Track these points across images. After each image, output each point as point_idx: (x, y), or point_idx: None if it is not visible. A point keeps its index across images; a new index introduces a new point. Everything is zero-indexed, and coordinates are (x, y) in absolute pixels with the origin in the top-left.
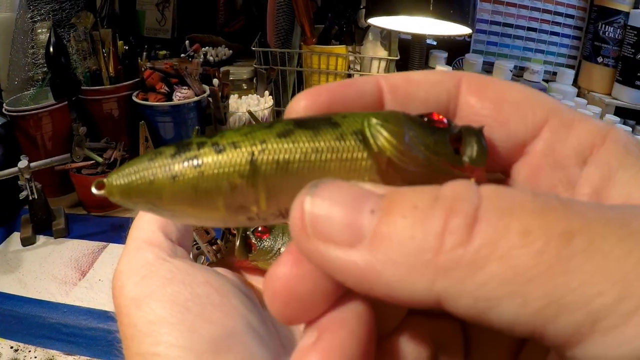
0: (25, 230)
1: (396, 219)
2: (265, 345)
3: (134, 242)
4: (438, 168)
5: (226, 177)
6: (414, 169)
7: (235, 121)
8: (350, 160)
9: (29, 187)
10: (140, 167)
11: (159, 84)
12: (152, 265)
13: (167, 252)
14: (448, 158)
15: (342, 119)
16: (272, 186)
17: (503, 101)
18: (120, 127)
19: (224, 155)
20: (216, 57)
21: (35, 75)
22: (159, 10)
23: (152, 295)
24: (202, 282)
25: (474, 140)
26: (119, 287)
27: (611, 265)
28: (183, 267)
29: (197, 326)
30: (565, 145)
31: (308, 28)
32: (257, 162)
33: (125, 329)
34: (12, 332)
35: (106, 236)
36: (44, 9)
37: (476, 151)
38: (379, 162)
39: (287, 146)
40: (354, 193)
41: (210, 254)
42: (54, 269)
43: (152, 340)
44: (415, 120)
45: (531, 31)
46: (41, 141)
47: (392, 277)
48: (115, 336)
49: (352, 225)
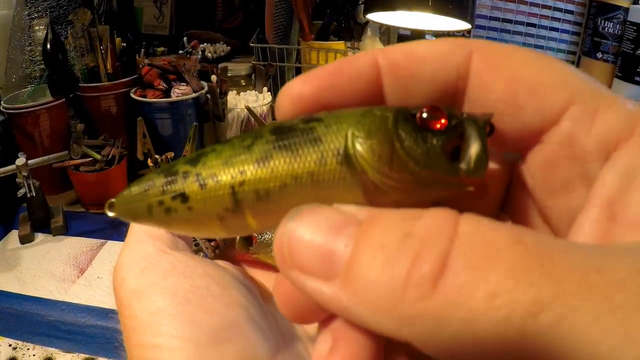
0: (23, 228)
1: (365, 259)
2: (265, 337)
3: (135, 234)
4: (430, 183)
5: (213, 211)
6: (402, 187)
7: (234, 117)
8: (332, 182)
9: (26, 185)
10: (138, 197)
11: (157, 80)
12: (152, 258)
13: (167, 244)
14: (442, 170)
15: (325, 128)
16: (257, 212)
17: (519, 82)
18: (118, 124)
19: (207, 191)
20: (214, 54)
21: (33, 72)
22: (157, 7)
23: (152, 287)
24: (202, 273)
25: (475, 144)
26: (120, 279)
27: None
28: (183, 259)
29: (197, 317)
30: (587, 138)
31: (306, 24)
32: (237, 195)
33: (126, 321)
34: (11, 330)
35: (105, 233)
36: (41, 6)
37: (474, 161)
38: (363, 182)
39: (265, 175)
40: (331, 222)
41: (208, 250)
42: (52, 267)
43: (152, 332)
44: (405, 126)
45: (530, 27)
46: (39, 138)
47: (364, 316)
48: (116, 332)
49: (328, 259)
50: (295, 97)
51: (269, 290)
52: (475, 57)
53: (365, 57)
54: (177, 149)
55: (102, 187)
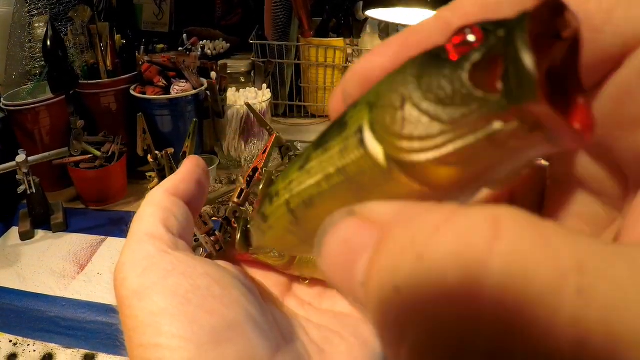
0: (23, 224)
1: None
2: (265, 337)
3: (136, 234)
4: (470, 129)
5: (283, 228)
6: (441, 157)
7: (233, 114)
8: (360, 173)
9: (27, 182)
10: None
11: (157, 77)
12: (153, 258)
13: (168, 244)
14: (478, 108)
15: (353, 109)
16: (311, 222)
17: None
18: (118, 120)
19: (273, 208)
20: (214, 51)
21: (33, 69)
22: (156, 4)
23: (153, 287)
24: (202, 274)
25: (514, 59)
26: (121, 279)
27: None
28: (184, 259)
29: (198, 317)
30: None
31: (306, 21)
32: (292, 209)
33: (127, 320)
34: (11, 326)
35: (105, 230)
36: (41, 3)
37: (514, 80)
38: (393, 166)
39: (305, 180)
40: (345, 250)
41: (208, 245)
42: (52, 263)
43: (153, 331)
44: (429, 68)
45: None
46: (39, 135)
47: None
48: (116, 328)
49: (350, 289)
50: (362, 79)
51: (268, 290)
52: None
53: (433, 22)
54: (176, 146)
55: (102, 184)
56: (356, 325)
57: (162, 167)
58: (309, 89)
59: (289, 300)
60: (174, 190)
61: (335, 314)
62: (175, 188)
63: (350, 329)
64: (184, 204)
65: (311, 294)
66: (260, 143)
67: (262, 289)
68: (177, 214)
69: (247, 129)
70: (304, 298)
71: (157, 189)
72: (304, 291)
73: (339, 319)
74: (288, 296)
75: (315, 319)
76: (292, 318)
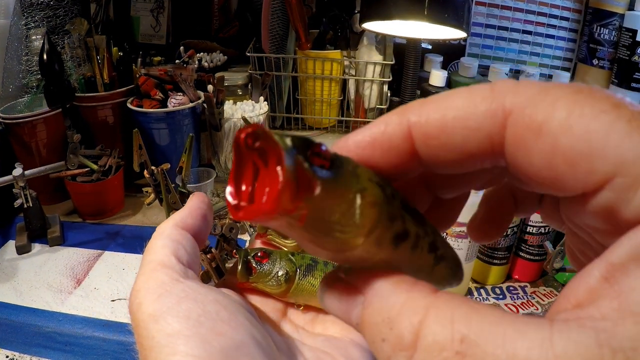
0: (20, 238)
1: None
2: (267, 356)
3: (149, 264)
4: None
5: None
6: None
7: (230, 127)
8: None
9: (23, 195)
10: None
11: (154, 90)
12: (167, 285)
13: (179, 274)
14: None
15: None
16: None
17: (557, 155)
18: (115, 134)
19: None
20: (211, 63)
21: (30, 82)
22: (154, 16)
23: (168, 311)
24: (212, 300)
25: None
26: (137, 304)
27: None
28: (195, 287)
29: (210, 338)
30: (627, 209)
31: (303, 33)
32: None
33: (144, 341)
34: (8, 341)
35: (101, 244)
36: (38, 16)
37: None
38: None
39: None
40: (344, 303)
41: (204, 262)
42: (49, 277)
43: (169, 350)
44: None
45: (526, 34)
46: (36, 148)
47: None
48: (112, 342)
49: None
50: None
51: (267, 315)
52: (510, 126)
53: (398, 128)
54: (173, 159)
55: (99, 197)
56: (346, 348)
57: (158, 183)
58: (306, 101)
59: (285, 324)
60: (182, 224)
61: (327, 337)
62: (183, 222)
63: (341, 350)
64: (191, 237)
65: (305, 319)
66: None
67: (261, 314)
68: (186, 246)
69: None
70: (298, 323)
71: (167, 223)
72: (299, 316)
73: (331, 342)
74: (284, 321)
75: (308, 342)
76: (289, 340)
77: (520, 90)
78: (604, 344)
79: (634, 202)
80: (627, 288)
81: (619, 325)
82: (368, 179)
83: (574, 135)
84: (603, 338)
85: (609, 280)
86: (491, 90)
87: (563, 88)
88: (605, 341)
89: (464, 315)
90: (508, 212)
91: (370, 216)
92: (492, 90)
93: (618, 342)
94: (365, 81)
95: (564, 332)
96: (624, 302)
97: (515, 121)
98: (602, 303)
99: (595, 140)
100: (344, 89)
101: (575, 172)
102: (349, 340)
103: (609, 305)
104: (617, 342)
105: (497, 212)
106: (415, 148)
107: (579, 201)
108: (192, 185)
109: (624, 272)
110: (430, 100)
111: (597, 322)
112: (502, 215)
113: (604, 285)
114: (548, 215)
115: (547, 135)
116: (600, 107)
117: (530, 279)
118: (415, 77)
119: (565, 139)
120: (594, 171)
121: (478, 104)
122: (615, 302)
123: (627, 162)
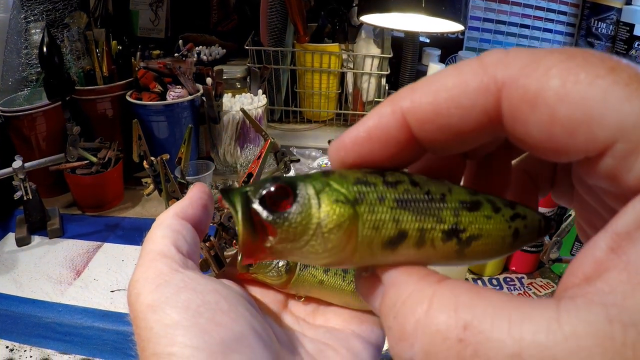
0: (20, 230)
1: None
2: (268, 348)
3: (148, 254)
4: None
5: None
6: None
7: (229, 120)
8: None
9: (23, 188)
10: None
11: (153, 83)
12: (166, 275)
13: (179, 264)
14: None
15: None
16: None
17: (556, 124)
18: (114, 126)
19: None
20: (210, 56)
21: (29, 75)
22: (153, 10)
23: (167, 302)
24: (211, 290)
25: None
26: (135, 294)
27: None
28: (194, 277)
29: (209, 329)
30: (629, 174)
31: (301, 26)
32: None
33: (142, 332)
34: (8, 331)
35: (101, 236)
36: (37, 10)
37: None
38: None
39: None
40: (370, 289)
41: (203, 251)
42: (49, 269)
43: (167, 341)
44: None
45: (524, 28)
46: (35, 141)
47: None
48: (111, 332)
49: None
50: (339, 164)
51: (267, 306)
52: (505, 99)
53: (392, 118)
54: (172, 151)
55: (99, 190)
56: (348, 339)
57: (158, 173)
58: (305, 95)
59: (286, 316)
60: (182, 214)
61: (328, 329)
62: (183, 212)
63: (342, 342)
64: (192, 227)
65: (306, 310)
66: (256, 148)
67: (261, 305)
68: (186, 236)
69: (242, 134)
70: (299, 314)
71: (167, 213)
72: (299, 308)
73: (332, 334)
74: (285, 312)
75: (309, 334)
76: (290, 332)
77: (511, 60)
78: (615, 320)
79: (636, 168)
80: (635, 257)
81: (628, 298)
82: (334, 199)
83: (571, 104)
84: (613, 313)
85: (616, 251)
86: (480, 64)
87: (555, 54)
88: (615, 316)
89: (468, 302)
90: (532, 192)
91: (337, 240)
92: (482, 63)
93: (629, 316)
94: (363, 74)
95: (572, 311)
96: (633, 273)
97: (509, 94)
98: (610, 275)
99: (592, 107)
100: (342, 82)
101: (575, 141)
102: (351, 332)
103: (617, 278)
104: (628, 317)
105: (521, 194)
106: (414, 134)
107: (586, 164)
108: (191, 178)
109: (631, 241)
110: (420, 84)
111: (606, 296)
112: (528, 196)
113: (611, 256)
114: (559, 194)
115: (544, 106)
116: (596, 72)
117: (527, 270)
118: (413, 71)
119: (562, 109)
120: (594, 139)
121: (469, 81)
122: (624, 273)
123: (627, 127)
